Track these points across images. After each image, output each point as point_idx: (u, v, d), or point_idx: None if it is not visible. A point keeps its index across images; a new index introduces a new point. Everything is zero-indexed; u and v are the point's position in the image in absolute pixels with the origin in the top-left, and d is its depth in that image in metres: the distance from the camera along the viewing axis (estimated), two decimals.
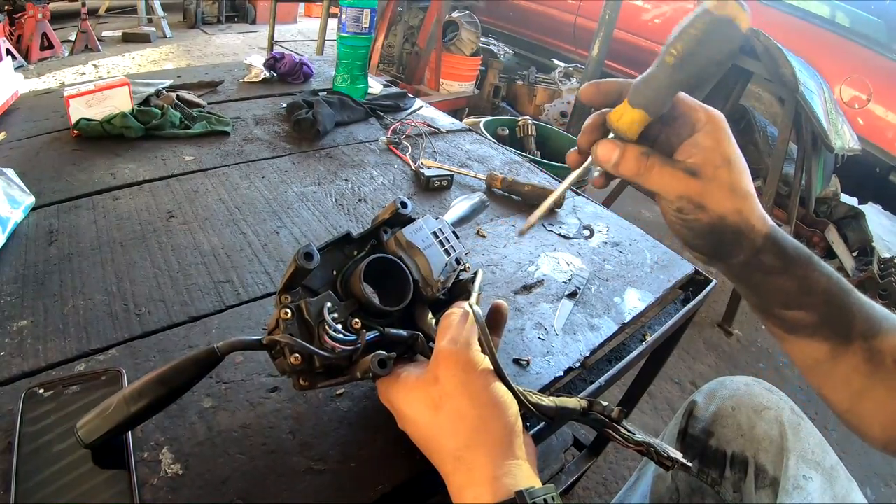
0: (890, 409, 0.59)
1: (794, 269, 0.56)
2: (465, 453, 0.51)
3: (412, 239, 0.65)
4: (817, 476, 0.79)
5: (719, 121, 0.54)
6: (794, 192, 2.62)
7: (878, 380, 0.58)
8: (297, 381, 0.55)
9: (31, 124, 1.22)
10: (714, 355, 2.42)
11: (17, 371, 0.64)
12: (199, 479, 0.56)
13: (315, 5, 6.82)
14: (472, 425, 0.51)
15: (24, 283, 0.78)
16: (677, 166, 0.54)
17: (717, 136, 0.53)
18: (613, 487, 1.72)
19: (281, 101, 1.51)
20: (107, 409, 0.52)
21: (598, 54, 3.36)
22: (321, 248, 0.58)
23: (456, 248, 0.69)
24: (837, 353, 0.59)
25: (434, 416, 0.53)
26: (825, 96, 2.47)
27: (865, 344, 0.57)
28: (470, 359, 0.54)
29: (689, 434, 0.91)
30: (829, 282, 0.57)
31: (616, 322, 0.90)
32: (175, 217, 0.96)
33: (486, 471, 0.49)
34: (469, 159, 1.36)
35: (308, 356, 0.53)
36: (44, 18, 4.55)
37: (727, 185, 0.53)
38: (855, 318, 0.57)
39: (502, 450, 0.50)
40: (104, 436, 0.52)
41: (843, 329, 0.58)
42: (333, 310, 0.56)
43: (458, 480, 0.50)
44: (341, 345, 0.54)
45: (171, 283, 0.82)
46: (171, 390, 0.53)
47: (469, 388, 0.53)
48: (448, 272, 0.66)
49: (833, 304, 0.57)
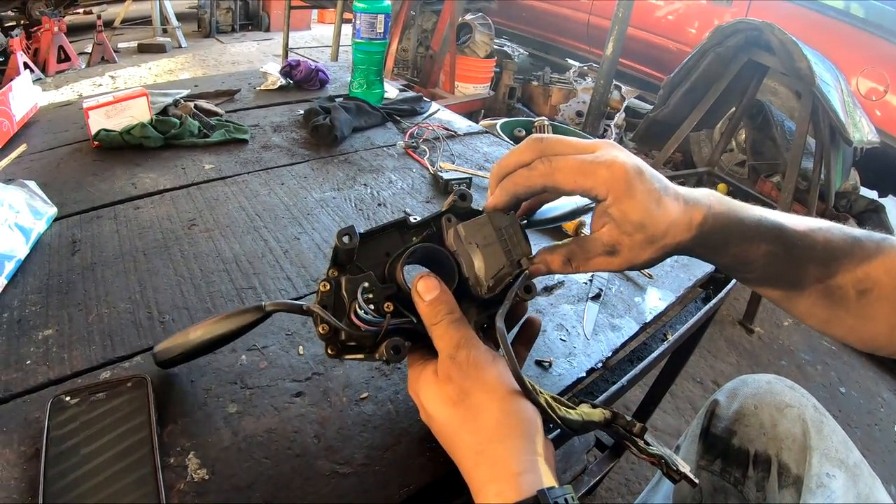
0: (863, 333, 0.62)
1: (725, 249, 0.59)
2: (487, 447, 0.51)
3: (470, 234, 0.60)
4: (841, 474, 0.78)
5: (618, 188, 0.54)
6: (814, 187, 2.60)
7: (843, 311, 0.60)
8: (326, 349, 0.57)
9: (51, 136, 1.24)
10: (735, 353, 2.40)
11: (44, 379, 0.65)
12: (225, 483, 0.57)
13: (328, 11, 6.85)
14: (494, 418, 0.52)
15: (49, 293, 0.79)
16: (596, 251, 0.58)
17: (622, 208, 0.54)
18: (636, 488, 1.71)
19: (298, 107, 1.52)
20: (177, 339, 0.64)
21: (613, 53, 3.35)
22: (371, 232, 0.61)
23: (519, 250, 0.62)
24: (791, 297, 0.62)
25: (453, 412, 0.54)
26: (842, 89, 2.44)
27: (821, 285, 0.59)
28: (480, 356, 0.55)
29: (712, 433, 0.90)
30: (769, 247, 0.58)
31: (637, 322, 0.90)
32: (196, 225, 0.97)
33: (510, 465, 0.49)
34: (487, 161, 1.36)
35: (334, 328, 0.55)
36: (60, 31, 4.61)
37: (645, 242, 0.56)
38: (805, 268, 0.59)
39: (524, 443, 0.50)
40: (173, 358, 0.65)
41: (790, 282, 0.60)
42: (369, 290, 0.57)
43: (480, 475, 0.50)
44: (365, 324, 0.55)
45: (194, 291, 0.82)
46: (224, 334, 0.62)
47: (486, 382, 0.53)
48: (504, 274, 0.61)
49: (774, 265, 0.59)
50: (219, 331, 0.62)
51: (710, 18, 3.84)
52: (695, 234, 0.57)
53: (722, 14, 3.78)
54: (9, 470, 0.55)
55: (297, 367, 0.72)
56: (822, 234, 0.59)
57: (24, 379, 0.65)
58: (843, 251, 0.58)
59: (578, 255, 0.60)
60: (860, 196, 3.19)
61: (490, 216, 0.61)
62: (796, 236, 0.58)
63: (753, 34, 2.48)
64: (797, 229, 0.59)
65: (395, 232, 0.62)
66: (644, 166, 0.56)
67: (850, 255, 0.58)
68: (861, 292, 0.58)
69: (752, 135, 3.49)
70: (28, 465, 0.55)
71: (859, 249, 0.58)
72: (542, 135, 0.60)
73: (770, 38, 2.36)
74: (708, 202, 0.58)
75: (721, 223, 0.58)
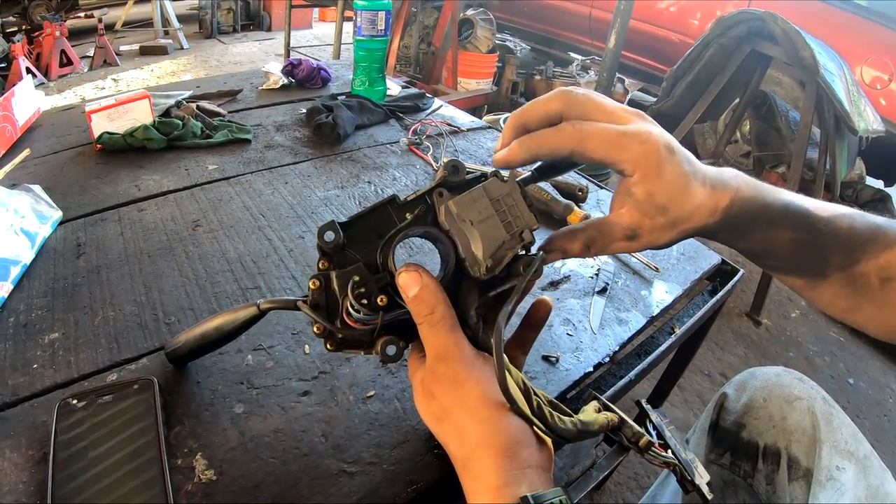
0: (884, 321, 0.60)
1: (751, 235, 0.57)
2: (469, 463, 0.50)
3: (464, 210, 0.55)
4: (851, 466, 0.77)
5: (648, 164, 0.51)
6: (819, 177, 2.58)
7: (865, 299, 0.58)
8: (325, 344, 0.55)
9: (54, 140, 1.24)
10: (743, 346, 2.39)
11: (51, 382, 0.66)
12: (233, 484, 0.57)
13: (329, 10, 6.86)
14: (474, 439, 0.50)
15: (55, 297, 0.79)
16: (616, 236, 0.55)
17: (648, 188, 0.51)
18: (645, 482, 1.71)
19: (300, 106, 1.52)
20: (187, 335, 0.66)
21: (615, 46, 3.33)
22: (360, 215, 0.56)
23: (521, 221, 0.56)
24: (814, 285, 0.60)
25: (439, 427, 0.53)
26: (846, 78, 2.42)
27: (843, 273, 0.57)
28: (460, 372, 0.52)
29: (721, 427, 0.90)
30: (795, 233, 0.56)
31: (644, 315, 0.89)
32: (200, 226, 0.97)
33: (490, 480, 0.48)
34: (490, 157, 1.36)
35: (327, 330, 0.54)
36: (61, 36, 4.63)
37: (667, 226, 0.53)
38: (829, 256, 0.57)
39: (506, 461, 0.49)
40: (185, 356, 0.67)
41: (814, 269, 0.58)
42: (361, 283, 0.53)
43: (466, 486, 0.51)
44: (359, 324, 0.54)
45: (200, 292, 0.82)
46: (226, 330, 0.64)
47: (466, 404, 0.51)
48: (505, 250, 0.55)
49: (800, 252, 0.57)
50: (224, 327, 0.64)
51: (712, 9, 3.81)
52: (719, 219, 0.55)
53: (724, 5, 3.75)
54: (17, 474, 0.55)
55: (303, 366, 0.72)
56: (845, 220, 0.57)
57: (31, 382, 0.65)
58: (867, 238, 0.57)
59: (598, 240, 0.57)
60: (866, 185, 3.17)
61: (486, 187, 0.55)
62: (821, 223, 0.56)
63: (756, 24, 2.46)
64: (822, 215, 0.57)
65: (386, 210, 0.57)
66: (675, 144, 0.52)
67: (873, 243, 0.57)
68: (884, 280, 0.57)
69: (757, 126, 3.47)
70: (36, 469, 0.55)
71: (882, 237, 0.57)
72: (572, 87, 0.55)
73: (773, 28, 2.34)
74: (736, 185, 0.55)
75: (747, 208, 0.55)
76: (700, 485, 0.56)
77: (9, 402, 0.63)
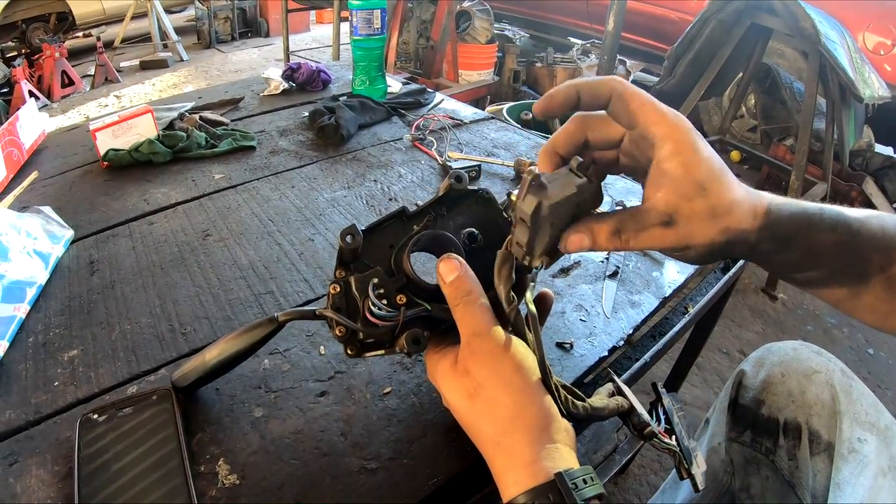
0: None
1: (795, 242, 0.54)
2: (503, 439, 0.51)
3: (553, 213, 0.53)
4: (872, 437, 0.77)
5: (682, 136, 0.49)
6: (828, 147, 2.56)
7: None
8: (345, 349, 0.57)
9: (61, 161, 1.26)
10: (760, 321, 2.38)
11: (73, 399, 0.67)
12: (256, 487, 0.57)
13: (326, 12, 6.85)
14: (509, 412, 0.51)
15: (71, 315, 0.80)
16: (650, 221, 0.51)
17: (684, 160, 0.49)
18: (668, 464, 1.70)
19: (302, 110, 1.53)
20: (193, 364, 0.64)
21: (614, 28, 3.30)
22: (372, 227, 0.60)
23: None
24: (856, 293, 0.57)
25: (471, 405, 0.53)
26: (849, 46, 2.40)
27: (883, 275, 0.55)
28: (496, 346, 0.53)
29: (740, 404, 0.90)
30: (836, 235, 0.54)
31: (657, 297, 0.89)
32: (210, 235, 0.98)
33: (525, 455, 0.49)
34: (495, 147, 1.36)
35: (351, 330, 0.55)
36: (61, 56, 4.67)
37: (707, 214, 0.50)
38: (869, 257, 0.55)
39: (539, 434, 0.50)
40: (192, 384, 0.64)
41: (856, 274, 0.56)
42: (380, 285, 0.56)
43: (498, 464, 0.51)
44: (381, 320, 0.55)
45: (213, 300, 0.83)
46: (239, 350, 0.63)
47: (502, 375, 0.52)
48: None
49: (842, 256, 0.55)
50: (234, 349, 0.63)
51: None
52: (761, 224, 0.52)
53: None
54: (44, 490, 0.56)
55: (319, 367, 0.72)
56: (876, 220, 0.55)
57: (53, 400, 0.66)
58: None
59: (629, 225, 0.52)
60: (875, 153, 3.13)
61: (580, 188, 0.52)
62: (857, 223, 0.54)
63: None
64: (856, 216, 0.55)
65: (396, 223, 0.61)
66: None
67: None
68: None
69: (762, 99, 3.45)
70: (63, 484, 0.56)
71: None
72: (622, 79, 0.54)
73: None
74: (769, 194, 0.53)
75: (788, 212, 0.53)
76: (695, 474, 0.57)
77: (33, 421, 0.64)
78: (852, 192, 2.98)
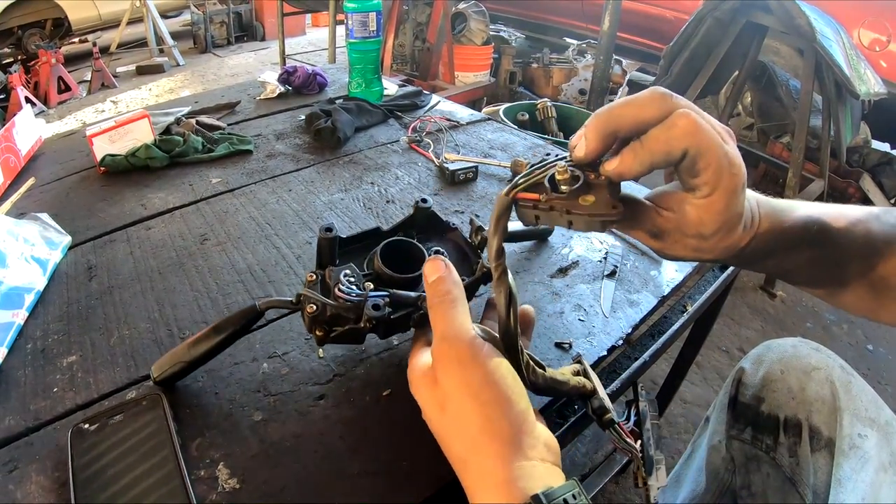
0: None
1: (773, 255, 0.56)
2: (471, 457, 0.48)
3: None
4: (873, 433, 0.77)
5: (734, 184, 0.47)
6: (824, 144, 2.56)
7: (890, 299, 0.57)
8: (314, 333, 0.61)
9: (58, 167, 1.26)
10: (759, 319, 2.38)
11: (72, 405, 0.66)
12: (256, 491, 0.57)
13: (322, 15, 6.87)
14: (476, 427, 0.48)
15: (70, 320, 0.80)
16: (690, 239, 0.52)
17: (728, 202, 0.48)
18: (669, 462, 1.70)
19: (299, 113, 1.53)
20: (174, 354, 0.66)
21: (610, 27, 3.32)
22: (350, 237, 0.71)
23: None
24: (836, 294, 0.59)
25: (441, 417, 0.51)
26: (844, 42, 2.40)
27: (864, 279, 0.56)
28: (465, 352, 0.50)
29: (740, 402, 0.90)
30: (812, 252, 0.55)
31: (655, 296, 0.89)
32: (208, 239, 0.98)
33: (497, 475, 0.46)
34: (492, 148, 1.36)
35: (322, 305, 0.60)
36: (57, 63, 4.67)
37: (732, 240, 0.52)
38: (847, 266, 0.56)
39: (511, 450, 0.47)
40: (170, 374, 0.66)
41: (834, 281, 0.58)
42: (350, 276, 0.63)
43: (468, 484, 0.48)
44: (348, 295, 0.61)
45: (212, 304, 0.83)
46: (222, 339, 0.66)
47: (470, 386, 0.49)
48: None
49: (818, 268, 0.57)
50: (216, 337, 0.66)
51: None
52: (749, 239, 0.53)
53: None
54: (44, 496, 0.56)
55: (317, 370, 0.72)
56: (862, 227, 0.55)
57: (52, 406, 0.66)
58: (884, 241, 0.55)
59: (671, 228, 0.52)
60: (872, 149, 3.14)
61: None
62: (839, 235, 0.55)
63: None
64: (839, 226, 0.55)
65: (370, 241, 0.70)
66: None
67: (889, 245, 0.55)
68: None
69: (758, 97, 3.45)
70: (62, 490, 0.56)
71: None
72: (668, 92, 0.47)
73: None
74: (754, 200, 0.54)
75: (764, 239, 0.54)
76: (651, 486, 0.56)
77: (32, 427, 0.63)
78: (849, 189, 2.98)
